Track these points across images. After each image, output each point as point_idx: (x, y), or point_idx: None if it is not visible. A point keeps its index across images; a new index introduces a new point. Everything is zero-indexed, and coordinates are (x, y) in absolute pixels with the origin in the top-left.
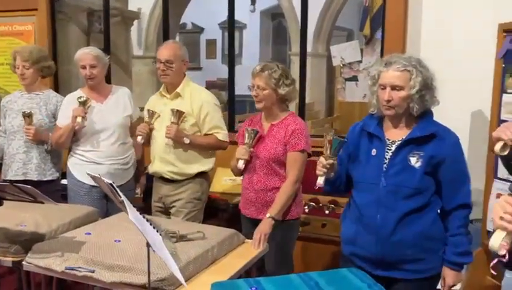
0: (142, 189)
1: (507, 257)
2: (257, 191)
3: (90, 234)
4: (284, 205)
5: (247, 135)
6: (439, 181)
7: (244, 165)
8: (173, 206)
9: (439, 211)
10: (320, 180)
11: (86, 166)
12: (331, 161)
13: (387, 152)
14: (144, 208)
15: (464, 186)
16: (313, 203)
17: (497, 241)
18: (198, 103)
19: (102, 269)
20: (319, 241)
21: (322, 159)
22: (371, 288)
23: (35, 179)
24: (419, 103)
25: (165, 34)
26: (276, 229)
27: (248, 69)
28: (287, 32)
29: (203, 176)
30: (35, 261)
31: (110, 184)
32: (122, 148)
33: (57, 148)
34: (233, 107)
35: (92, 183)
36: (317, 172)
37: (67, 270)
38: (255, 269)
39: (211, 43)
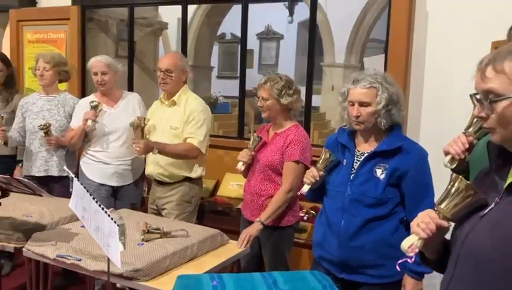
0: (148, 190)
1: (413, 259)
2: (252, 194)
3: (84, 227)
4: (274, 212)
5: (252, 139)
6: (403, 193)
7: (243, 167)
8: (164, 208)
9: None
10: (305, 189)
11: (95, 165)
12: (322, 174)
13: (356, 163)
14: None
15: (426, 200)
16: (313, 211)
17: (406, 244)
18: (188, 110)
19: (88, 258)
20: None
21: (313, 169)
22: (325, 288)
23: (56, 175)
24: (386, 117)
25: (184, 45)
26: (271, 235)
27: None
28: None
29: (194, 180)
30: (33, 248)
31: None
32: (129, 150)
33: (70, 148)
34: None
35: (100, 181)
36: (305, 180)
37: (58, 258)
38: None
39: (248, 54)
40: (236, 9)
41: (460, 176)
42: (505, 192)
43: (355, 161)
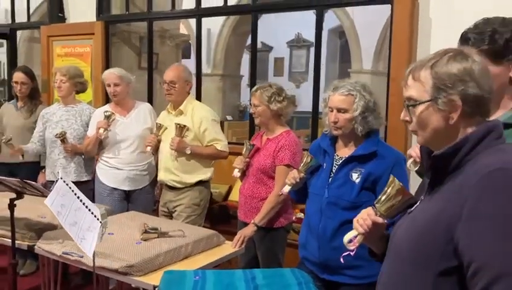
0: (160, 193)
1: (354, 252)
2: (246, 197)
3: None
4: (267, 214)
5: (245, 147)
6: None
7: (239, 174)
8: (175, 211)
9: None
10: (286, 189)
11: (109, 171)
12: (302, 176)
13: (335, 167)
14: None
15: None
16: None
17: (347, 238)
18: (198, 119)
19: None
20: None
21: (295, 171)
22: (300, 286)
23: (74, 180)
24: (363, 123)
25: (198, 55)
26: (264, 237)
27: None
28: None
29: (203, 184)
30: (43, 246)
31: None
32: (140, 157)
33: (86, 154)
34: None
35: (113, 185)
36: (286, 181)
37: (63, 254)
38: None
39: (278, 61)
40: (266, 18)
41: (395, 180)
42: (428, 190)
43: (334, 165)
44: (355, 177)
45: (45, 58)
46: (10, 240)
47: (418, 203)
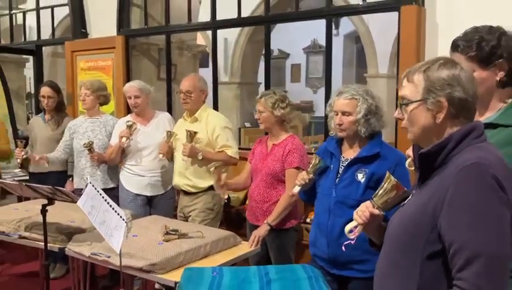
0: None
1: (354, 241)
2: (257, 201)
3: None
4: (279, 214)
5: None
6: None
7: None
8: (190, 215)
9: None
10: (296, 190)
11: (131, 177)
12: (311, 177)
13: (341, 168)
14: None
15: None
16: None
17: (348, 228)
18: (211, 126)
19: (116, 255)
20: None
21: (304, 173)
22: (310, 280)
23: (101, 188)
24: (366, 125)
25: (214, 64)
26: (276, 237)
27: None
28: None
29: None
30: (73, 248)
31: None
32: (160, 164)
33: (109, 162)
34: None
35: (136, 191)
36: (296, 182)
37: (92, 255)
38: None
39: (295, 68)
40: (282, 25)
41: (391, 176)
42: (418, 184)
43: (341, 166)
44: (361, 177)
45: (69, 72)
46: (43, 243)
47: (410, 197)
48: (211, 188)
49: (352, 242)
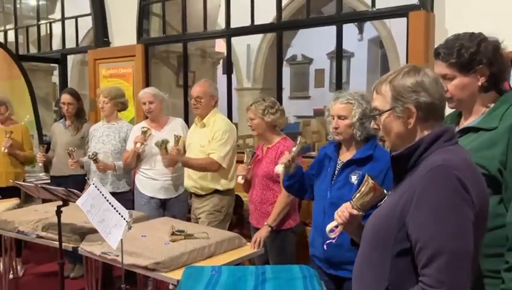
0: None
1: (335, 240)
2: (255, 204)
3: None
4: (278, 214)
5: (246, 155)
6: None
7: (243, 181)
8: (200, 217)
9: None
10: (279, 168)
11: (146, 181)
12: (293, 155)
13: (337, 170)
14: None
15: None
16: None
17: (328, 228)
18: (214, 129)
19: (124, 254)
20: None
21: (286, 152)
22: (304, 279)
23: (111, 191)
24: (361, 129)
25: (229, 70)
26: (275, 238)
27: None
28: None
29: (224, 192)
30: (85, 247)
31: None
32: (174, 168)
33: (125, 167)
34: None
35: (150, 194)
36: (279, 161)
37: (102, 254)
38: None
39: (319, 73)
40: (305, 31)
41: (369, 179)
42: (393, 186)
43: (337, 168)
44: (354, 179)
45: (92, 79)
46: (58, 243)
47: (386, 198)
48: (217, 191)
49: (334, 241)
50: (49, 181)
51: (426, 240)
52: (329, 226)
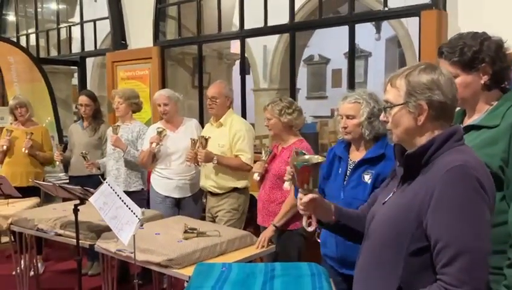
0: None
1: (317, 231)
2: (263, 202)
3: (143, 228)
4: (284, 215)
5: (263, 152)
6: None
7: (259, 178)
8: (217, 216)
9: None
10: (286, 185)
11: (161, 180)
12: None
13: (348, 170)
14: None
15: None
16: None
17: (304, 223)
18: (233, 130)
19: (138, 251)
20: None
21: (288, 168)
22: (313, 277)
23: (123, 190)
24: (370, 128)
25: (242, 71)
26: (280, 238)
27: None
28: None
29: (241, 190)
30: (101, 245)
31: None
32: (188, 168)
33: (141, 166)
34: None
35: (165, 194)
36: (285, 178)
37: (117, 251)
38: None
39: (336, 73)
40: (322, 31)
41: (294, 164)
42: (400, 183)
43: (348, 168)
44: (367, 178)
45: (110, 81)
46: (75, 240)
47: (391, 195)
48: (235, 189)
49: (317, 230)
50: (68, 181)
51: (449, 239)
52: (303, 223)
